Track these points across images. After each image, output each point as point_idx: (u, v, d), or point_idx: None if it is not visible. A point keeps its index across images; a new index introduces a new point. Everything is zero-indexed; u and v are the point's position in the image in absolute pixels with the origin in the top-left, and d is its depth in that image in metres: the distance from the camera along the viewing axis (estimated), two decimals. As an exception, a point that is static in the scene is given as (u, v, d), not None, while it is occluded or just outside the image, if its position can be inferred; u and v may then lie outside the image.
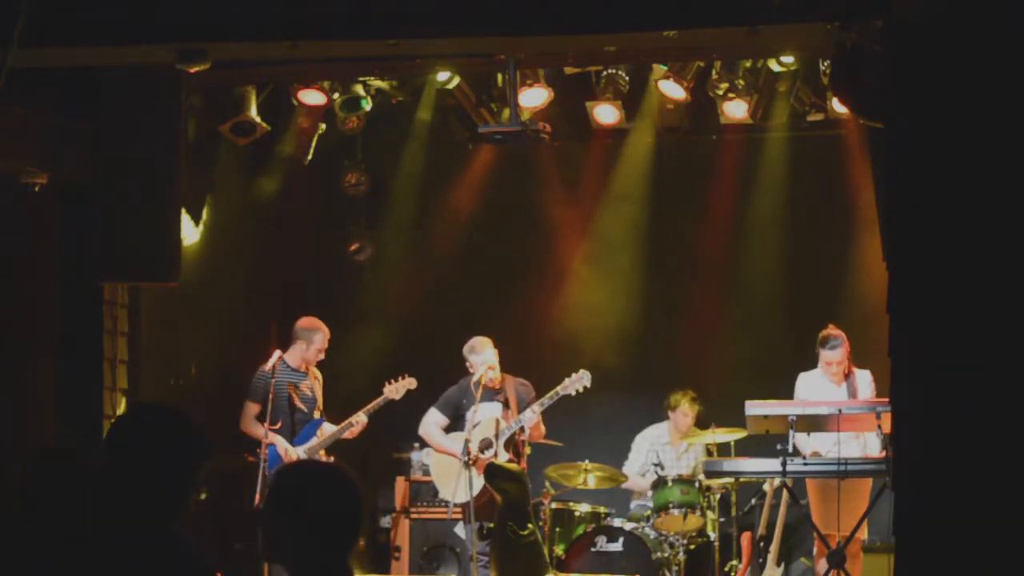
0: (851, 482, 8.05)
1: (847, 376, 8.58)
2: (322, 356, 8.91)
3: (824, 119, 9.67)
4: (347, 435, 8.88)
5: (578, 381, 8.73)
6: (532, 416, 8.66)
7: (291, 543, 3.52)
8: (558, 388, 8.72)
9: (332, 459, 8.91)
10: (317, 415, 8.89)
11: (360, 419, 8.84)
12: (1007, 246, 5.32)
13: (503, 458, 8.68)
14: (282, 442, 8.67)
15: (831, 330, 8.59)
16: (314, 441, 8.81)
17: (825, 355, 8.56)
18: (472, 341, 8.88)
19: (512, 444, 8.76)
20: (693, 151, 10.56)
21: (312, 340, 8.85)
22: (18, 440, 8.04)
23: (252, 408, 8.82)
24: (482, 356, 8.78)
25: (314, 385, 8.94)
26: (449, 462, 8.79)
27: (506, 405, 8.79)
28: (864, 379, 8.58)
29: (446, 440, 8.91)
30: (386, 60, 8.53)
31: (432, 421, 8.97)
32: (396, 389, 8.93)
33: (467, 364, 8.87)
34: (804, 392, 8.62)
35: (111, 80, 7.92)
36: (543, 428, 8.85)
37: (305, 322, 8.92)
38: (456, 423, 8.92)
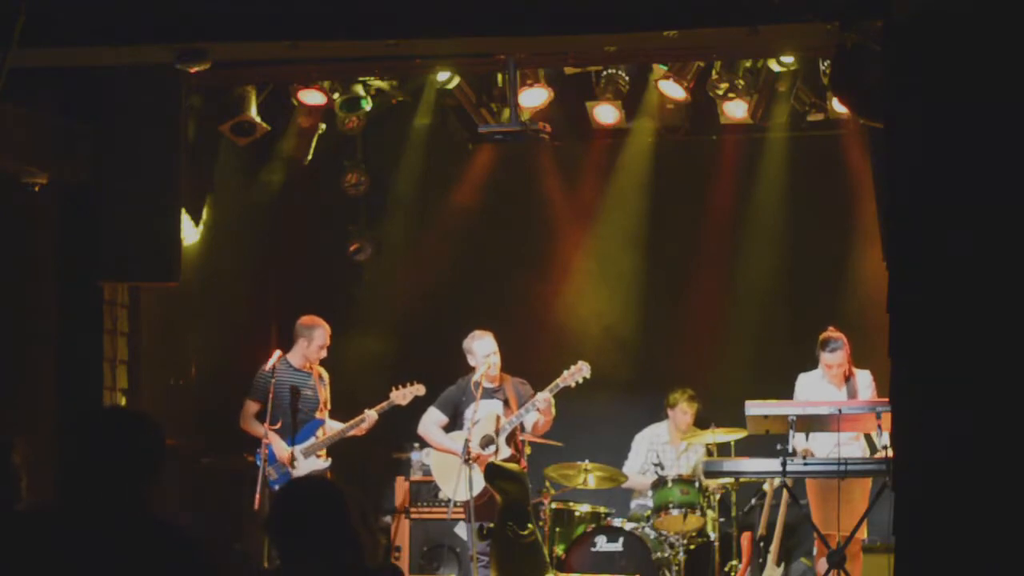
0: (850, 482, 8.05)
1: (847, 379, 8.58)
2: (324, 353, 8.92)
3: (824, 119, 9.67)
4: (356, 432, 8.87)
5: (577, 373, 8.72)
6: (544, 401, 8.61)
7: (295, 560, 3.76)
8: (557, 380, 8.71)
9: (329, 461, 8.91)
10: (319, 415, 8.89)
11: (371, 416, 8.84)
12: (1007, 246, 5.32)
13: (505, 454, 8.68)
14: (278, 442, 8.67)
15: (831, 332, 8.58)
16: (313, 441, 8.81)
17: (825, 358, 8.55)
18: (473, 333, 8.88)
19: (513, 441, 8.76)
20: (693, 151, 10.56)
21: (312, 337, 8.85)
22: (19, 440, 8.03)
23: (252, 407, 8.83)
24: (485, 344, 8.78)
25: (318, 385, 8.93)
26: (450, 460, 8.78)
27: (506, 404, 8.79)
28: (864, 380, 8.58)
29: (446, 439, 8.90)
30: (386, 60, 8.53)
31: (431, 420, 8.97)
32: (404, 395, 8.92)
33: (468, 357, 8.86)
34: (803, 393, 8.61)
35: (111, 80, 7.93)
36: (553, 412, 8.80)
37: (305, 320, 8.94)
38: (455, 422, 8.91)
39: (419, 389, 8.94)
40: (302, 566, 3.76)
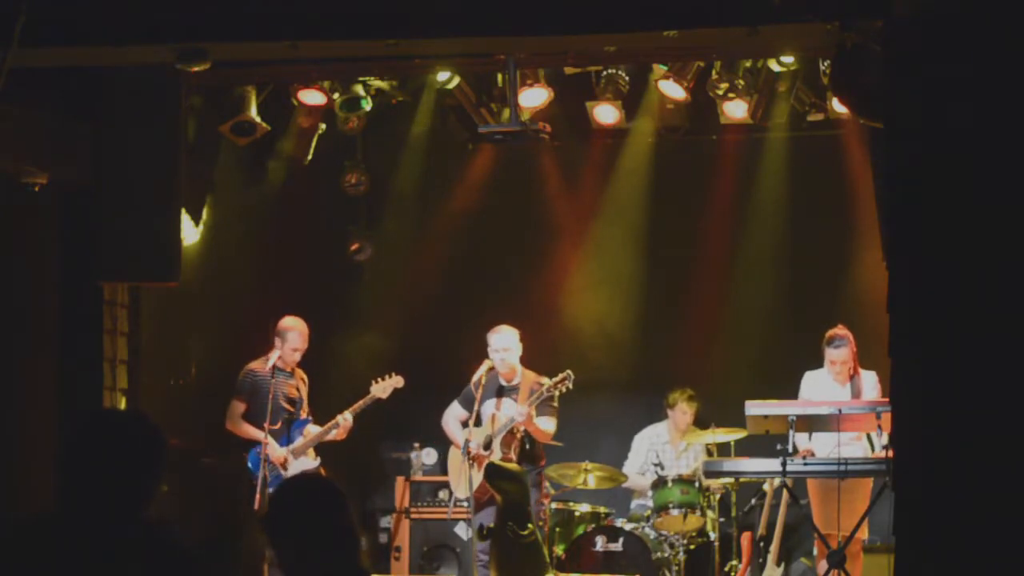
0: (852, 482, 8.05)
1: (852, 377, 8.58)
2: (298, 356, 8.85)
3: (824, 119, 9.67)
4: (334, 436, 8.85)
5: (561, 384, 8.60)
6: (521, 413, 8.60)
7: (290, 558, 3.76)
8: (541, 389, 8.64)
9: (319, 460, 8.90)
10: (303, 415, 8.88)
11: (345, 419, 8.81)
12: (1007, 245, 5.32)
13: (497, 456, 8.66)
14: (272, 443, 8.67)
15: (837, 330, 8.60)
16: (301, 440, 8.80)
17: (830, 354, 8.56)
18: (496, 327, 8.84)
19: (519, 446, 8.70)
20: (693, 151, 10.55)
21: (285, 339, 8.82)
22: (18, 440, 8.04)
23: (239, 407, 8.82)
24: (496, 338, 8.75)
25: (300, 386, 8.93)
26: (460, 456, 8.80)
27: (517, 402, 8.75)
28: (870, 380, 8.58)
29: (458, 434, 8.90)
30: (386, 60, 8.52)
31: (452, 415, 8.98)
32: (383, 388, 8.91)
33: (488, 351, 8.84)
34: (808, 391, 8.62)
35: (111, 80, 7.93)
36: (547, 427, 8.77)
37: (282, 322, 8.90)
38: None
39: (397, 381, 8.92)
40: (301, 566, 3.76)
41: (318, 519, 3.77)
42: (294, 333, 8.82)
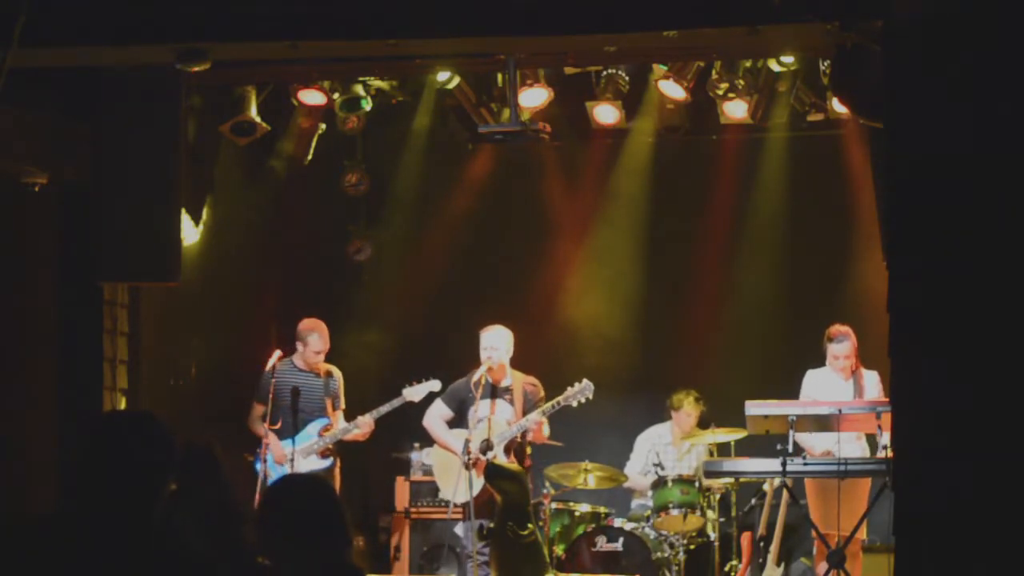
0: (850, 482, 8.05)
1: (854, 373, 8.59)
2: (320, 358, 8.87)
3: (824, 119, 9.66)
4: (353, 437, 8.84)
5: (580, 393, 8.60)
6: (534, 421, 8.58)
7: (281, 556, 3.82)
8: (559, 398, 8.61)
9: (329, 460, 8.88)
10: (325, 415, 8.86)
11: (365, 421, 8.80)
12: (1007, 245, 5.32)
13: (502, 461, 8.63)
14: (275, 442, 8.68)
15: (839, 326, 8.63)
16: (312, 440, 8.80)
17: (832, 349, 8.58)
18: (491, 325, 8.81)
19: (514, 448, 8.69)
20: (693, 151, 10.55)
21: (307, 342, 8.84)
22: (18, 440, 8.04)
23: (257, 409, 8.84)
24: (485, 337, 8.69)
25: (327, 383, 8.91)
26: (450, 459, 8.74)
27: (513, 405, 8.72)
28: (872, 379, 8.58)
29: (449, 435, 8.82)
30: (386, 60, 8.52)
31: (436, 413, 8.87)
32: (416, 391, 8.86)
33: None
34: (811, 388, 8.63)
35: (111, 80, 7.92)
36: (546, 431, 8.77)
37: (303, 323, 8.92)
38: (462, 416, 8.80)
39: (433, 385, 8.87)
40: (291, 564, 3.76)
41: (308, 518, 3.78)
42: (314, 336, 8.85)
